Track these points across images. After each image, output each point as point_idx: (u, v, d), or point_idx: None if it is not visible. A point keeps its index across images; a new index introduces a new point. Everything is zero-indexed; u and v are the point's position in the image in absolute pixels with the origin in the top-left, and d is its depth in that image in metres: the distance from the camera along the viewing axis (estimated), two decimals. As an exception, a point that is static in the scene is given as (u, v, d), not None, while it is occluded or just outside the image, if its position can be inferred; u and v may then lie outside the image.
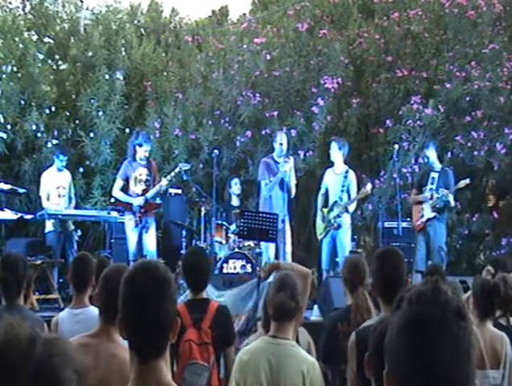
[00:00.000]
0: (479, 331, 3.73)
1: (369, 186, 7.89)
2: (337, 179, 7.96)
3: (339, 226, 7.81)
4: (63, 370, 1.14)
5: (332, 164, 8.15)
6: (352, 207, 7.99)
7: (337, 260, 7.88)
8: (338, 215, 7.81)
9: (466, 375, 1.20)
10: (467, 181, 7.85)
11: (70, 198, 8.45)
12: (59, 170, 8.37)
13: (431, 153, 8.13)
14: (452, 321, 1.19)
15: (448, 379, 1.19)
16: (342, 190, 7.87)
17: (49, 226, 8.14)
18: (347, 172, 7.94)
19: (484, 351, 3.67)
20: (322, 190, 8.12)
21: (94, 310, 3.67)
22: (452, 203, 7.93)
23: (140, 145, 7.72)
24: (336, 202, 7.88)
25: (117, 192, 7.79)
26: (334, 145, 8.03)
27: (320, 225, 8.09)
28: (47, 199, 8.24)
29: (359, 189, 7.95)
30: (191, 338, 3.53)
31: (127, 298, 1.89)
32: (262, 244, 7.72)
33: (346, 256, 4.44)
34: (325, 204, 8.07)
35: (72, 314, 3.78)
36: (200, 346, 3.55)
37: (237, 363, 3.02)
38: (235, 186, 8.94)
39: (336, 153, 7.99)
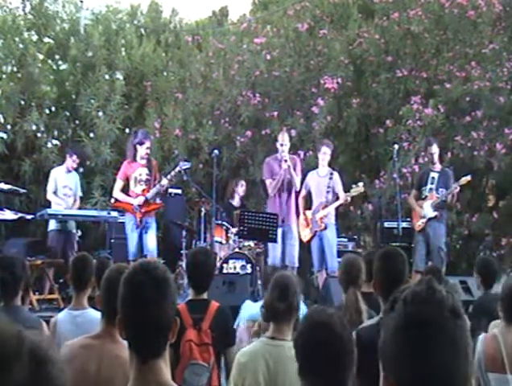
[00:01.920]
0: (504, 335, 3.69)
1: (361, 184, 7.99)
2: (322, 182, 8.03)
3: (326, 226, 7.89)
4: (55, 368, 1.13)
5: (316, 166, 8.23)
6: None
7: (327, 260, 7.93)
8: (325, 216, 7.89)
9: (464, 373, 1.20)
10: (468, 178, 7.82)
11: (75, 199, 8.44)
12: (69, 170, 8.37)
13: (437, 150, 8.12)
14: (449, 320, 1.19)
15: (447, 378, 1.19)
16: (328, 192, 7.93)
17: (52, 224, 8.15)
18: (331, 174, 8.01)
19: (504, 355, 3.60)
20: (303, 193, 8.17)
21: (92, 313, 3.68)
22: (449, 198, 7.88)
23: (141, 144, 7.70)
24: (321, 203, 7.94)
25: (117, 193, 7.78)
26: (326, 150, 8.09)
27: (303, 229, 8.12)
28: (54, 193, 8.24)
29: (345, 189, 8.05)
30: (191, 338, 3.53)
31: (126, 298, 1.90)
32: (269, 243, 7.71)
33: (344, 256, 4.45)
34: (307, 207, 8.15)
35: (71, 315, 3.78)
36: (200, 346, 3.55)
37: (236, 364, 3.02)
38: (241, 188, 9.04)
39: (328, 158, 8.09)
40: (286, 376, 2.91)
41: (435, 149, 8.10)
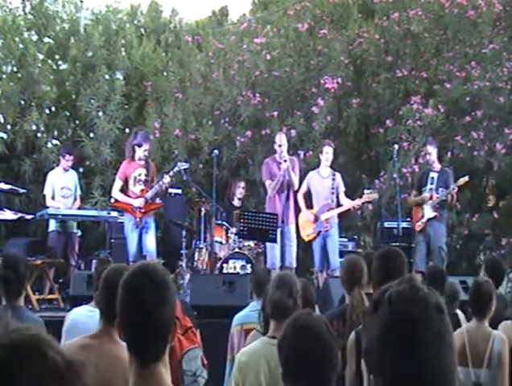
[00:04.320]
0: (471, 330, 3.78)
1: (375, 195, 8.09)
2: (324, 182, 8.07)
3: (331, 227, 7.95)
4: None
5: (317, 166, 8.30)
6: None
7: (330, 259, 7.96)
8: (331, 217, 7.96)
9: (451, 366, 1.21)
10: (466, 178, 7.84)
11: (75, 198, 8.44)
12: (66, 170, 8.37)
13: (433, 151, 8.13)
14: (434, 316, 1.20)
15: (437, 373, 1.20)
16: (332, 193, 7.98)
17: (52, 225, 8.15)
18: (334, 175, 8.06)
19: (468, 350, 3.70)
20: (304, 190, 8.19)
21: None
22: (449, 198, 7.89)
23: (139, 146, 7.69)
24: (327, 204, 7.97)
25: (116, 193, 7.77)
26: (328, 150, 8.15)
27: (306, 227, 8.13)
28: (52, 198, 8.23)
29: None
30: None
31: (125, 301, 1.89)
32: (267, 244, 7.73)
33: (346, 257, 4.46)
34: (309, 205, 8.19)
35: (86, 310, 3.79)
36: (185, 334, 3.60)
37: (237, 364, 3.02)
38: (238, 190, 9.00)
39: (331, 157, 8.14)
40: None
41: (430, 149, 8.12)
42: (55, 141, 9.63)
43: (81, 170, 9.62)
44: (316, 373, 2.08)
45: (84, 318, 3.70)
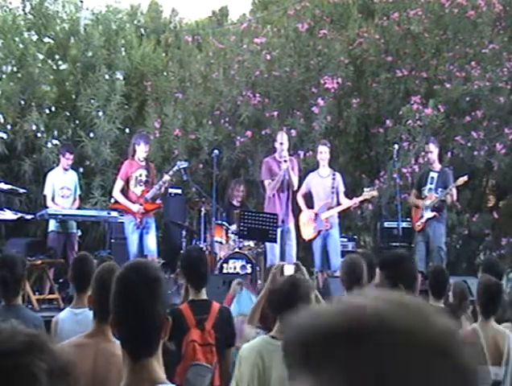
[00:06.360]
0: (482, 328, 3.81)
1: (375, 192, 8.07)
2: (324, 182, 8.07)
3: (331, 226, 7.94)
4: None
5: (317, 167, 8.30)
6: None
7: (332, 259, 7.97)
8: (331, 216, 7.96)
9: None
10: (465, 178, 7.84)
11: (75, 199, 8.43)
12: (65, 170, 8.36)
13: (435, 150, 8.14)
14: None
15: None
16: (333, 192, 7.99)
17: (51, 225, 8.14)
18: (334, 174, 8.06)
19: (485, 348, 3.74)
20: (303, 191, 8.19)
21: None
22: (449, 200, 7.90)
23: (138, 144, 7.72)
24: (327, 203, 7.98)
25: (117, 194, 7.76)
26: (322, 149, 8.15)
27: (307, 227, 8.14)
28: (52, 199, 8.23)
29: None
30: (194, 338, 3.53)
31: (118, 298, 1.91)
32: (267, 244, 7.72)
33: (346, 256, 4.47)
34: (309, 205, 8.19)
35: (73, 313, 3.79)
36: (203, 347, 3.55)
37: (238, 359, 3.04)
38: (238, 193, 8.95)
39: (327, 156, 8.14)
40: (279, 379, 2.90)
41: (431, 148, 8.13)
42: (55, 141, 9.62)
43: (81, 170, 9.62)
44: None
45: (69, 322, 3.70)
